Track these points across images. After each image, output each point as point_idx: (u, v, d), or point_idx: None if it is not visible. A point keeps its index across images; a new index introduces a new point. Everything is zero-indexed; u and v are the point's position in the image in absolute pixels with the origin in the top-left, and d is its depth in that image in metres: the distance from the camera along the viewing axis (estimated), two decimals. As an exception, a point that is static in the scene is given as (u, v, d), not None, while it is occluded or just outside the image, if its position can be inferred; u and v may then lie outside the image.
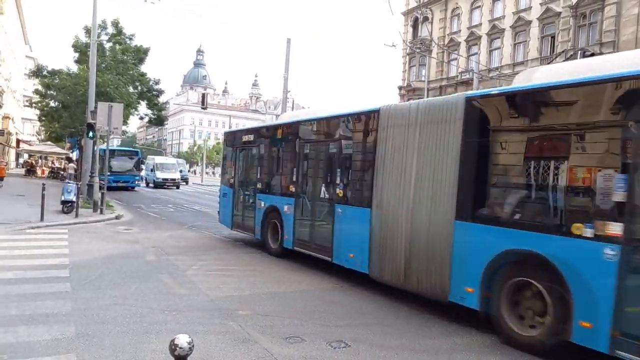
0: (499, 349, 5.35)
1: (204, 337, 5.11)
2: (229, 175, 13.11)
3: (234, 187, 12.50)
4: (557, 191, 5.15)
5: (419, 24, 39.85)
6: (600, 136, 4.85)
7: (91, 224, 14.09)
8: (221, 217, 13.28)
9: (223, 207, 13.15)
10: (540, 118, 5.59)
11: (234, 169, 12.74)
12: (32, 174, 39.82)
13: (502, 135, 5.98)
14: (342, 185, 8.42)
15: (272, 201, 10.49)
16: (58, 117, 30.25)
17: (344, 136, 8.63)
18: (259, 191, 11.14)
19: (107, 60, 26.37)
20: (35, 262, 8.42)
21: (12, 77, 45.14)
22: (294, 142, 9.92)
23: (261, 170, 11.34)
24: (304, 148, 9.79)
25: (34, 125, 63.41)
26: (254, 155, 11.76)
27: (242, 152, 12.39)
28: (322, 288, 7.87)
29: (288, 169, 10.21)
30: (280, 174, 10.65)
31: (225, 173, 13.59)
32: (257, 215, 11.04)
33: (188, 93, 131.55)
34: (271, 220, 10.51)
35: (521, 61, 31.83)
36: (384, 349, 5.15)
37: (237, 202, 12.33)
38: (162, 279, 7.76)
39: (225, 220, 12.95)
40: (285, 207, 9.92)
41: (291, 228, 9.72)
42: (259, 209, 10.97)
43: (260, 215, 10.86)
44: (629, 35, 24.70)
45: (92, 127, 16.60)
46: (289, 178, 10.09)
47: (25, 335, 4.96)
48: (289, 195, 9.90)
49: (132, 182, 31.95)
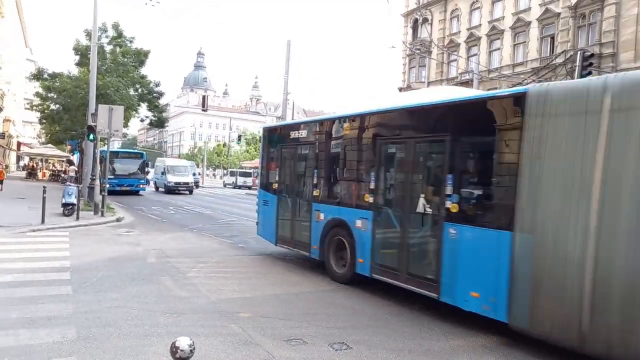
0: (500, 350, 5.34)
1: (205, 340, 5.10)
2: (270, 178, 10.97)
3: (279, 193, 10.40)
4: None
5: (418, 25, 39.89)
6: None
7: (92, 226, 14.09)
8: (261, 228, 11.20)
9: (263, 217, 11.01)
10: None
11: (278, 171, 10.63)
12: (33, 176, 39.88)
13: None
14: (457, 196, 6.20)
15: (337, 213, 8.47)
16: (59, 120, 30.27)
17: (460, 130, 6.44)
18: (317, 200, 9.07)
19: (107, 63, 26.40)
20: (36, 264, 8.42)
21: (12, 80, 45.22)
22: (373, 138, 7.88)
23: (320, 173, 9.19)
24: (388, 147, 7.84)
25: (35, 128, 63.49)
26: (308, 154, 9.72)
27: (291, 150, 10.32)
28: (323, 290, 7.87)
29: (362, 173, 8.09)
30: (350, 179, 8.53)
31: (265, 176, 11.35)
32: (314, 230, 9.02)
33: (188, 95, 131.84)
34: (334, 237, 8.52)
35: (521, 62, 31.85)
36: (385, 351, 5.14)
37: (284, 212, 10.25)
38: (163, 282, 7.76)
39: (266, 233, 10.82)
40: (358, 221, 7.86)
41: (368, 249, 7.62)
42: (316, 221, 8.97)
43: (319, 230, 8.84)
44: (628, 35, 24.69)
45: (93, 130, 16.63)
46: (364, 185, 7.95)
47: (26, 339, 4.96)
48: (364, 206, 7.78)
49: (137, 185, 30.43)
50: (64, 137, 33.86)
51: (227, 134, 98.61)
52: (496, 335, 5.71)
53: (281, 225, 10.22)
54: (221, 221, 17.41)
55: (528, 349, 5.31)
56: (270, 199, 10.69)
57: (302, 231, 9.55)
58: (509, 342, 5.54)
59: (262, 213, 11.09)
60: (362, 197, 7.93)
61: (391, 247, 7.37)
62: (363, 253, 7.75)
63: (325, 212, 8.82)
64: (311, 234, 9.14)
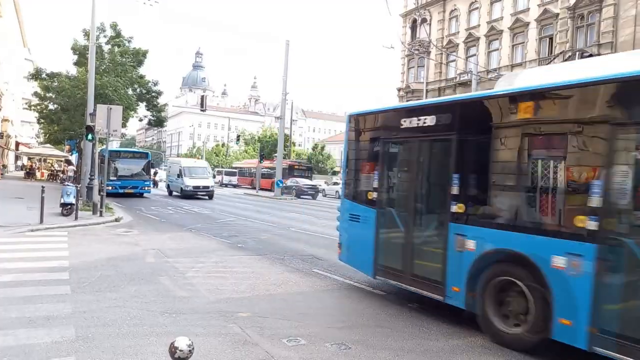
0: (499, 350, 5.35)
1: (204, 340, 5.11)
2: (364, 185, 8.12)
3: (381, 205, 7.53)
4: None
5: (417, 25, 39.92)
6: None
7: (90, 226, 14.07)
8: (347, 253, 8.32)
9: (352, 238, 8.19)
10: None
11: (379, 174, 7.63)
12: (31, 176, 39.82)
13: None
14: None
15: (506, 242, 5.58)
16: (57, 120, 30.25)
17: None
18: (459, 218, 6.14)
19: (106, 63, 26.41)
20: (34, 264, 8.41)
21: (11, 79, 45.15)
22: (604, 122, 4.84)
23: (465, 178, 6.24)
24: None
25: (33, 127, 63.41)
26: (438, 150, 7.07)
27: (406, 145, 7.51)
28: (322, 290, 7.87)
29: (572, 180, 5.09)
30: (536, 190, 5.51)
31: (353, 182, 8.53)
32: (454, 264, 6.18)
33: (187, 95, 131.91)
34: (498, 277, 5.71)
35: (519, 62, 31.90)
36: (384, 351, 5.15)
37: (390, 232, 7.49)
38: (162, 281, 7.75)
39: (357, 259, 8.06)
40: (558, 259, 4.98)
41: (583, 306, 4.77)
42: (458, 251, 6.12)
43: (465, 266, 6.01)
44: (626, 36, 24.75)
45: (92, 130, 16.61)
46: (572, 199, 5.12)
47: (25, 338, 4.96)
48: (575, 236, 4.87)
49: (142, 187, 28.09)
50: (62, 137, 33.84)
51: (225, 134, 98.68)
52: (494, 335, 5.71)
53: (385, 252, 7.43)
54: (220, 221, 17.41)
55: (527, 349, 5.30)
56: (365, 213, 7.82)
57: (427, 262, 6.82)
58: (507, 342, 5.55)
59: (350, 232, 8.27)
60: (570, 219, 4.99)
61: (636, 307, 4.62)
62: (570, 311, 4.88)
63: (478, 238, 5.91)
64: (447, 268, 6.30)
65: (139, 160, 29.25)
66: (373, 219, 7.59)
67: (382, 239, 7.49)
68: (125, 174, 27.29)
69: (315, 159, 71.94)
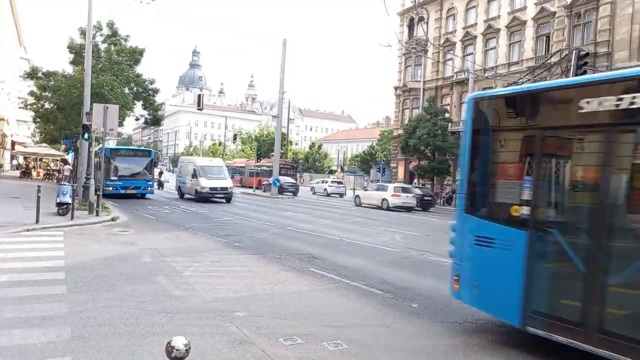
0: (495, 349, 5.36)
1: (200, 339, 5.09)
2: (500, 195, 5.81)
3: (538, 226, 5.20)
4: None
5: (414, 24, 39.95)
6: None
7: (87, 226, 14.03)
8: (471, 289, 5.87)
9: (481, 269, 5.77)
10: None
11: (535, 181, 5.26)
12: (27, 176, 39.66)
13: None
14: None
15: None
16: (53, 119, 30.15)
17: None
18: None
19: (102, 62, 26.31)
20: (30, 264, 8.38)
21: (6, 79, 44.97)
22: None
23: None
24: None
25: (29, 127, 63.20)
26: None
27: (587, 139, 5.30)
28: (318, 289, 7.87)
29: None
30: None
31: (482, 190, 6.09)
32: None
33: (184, 94, 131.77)
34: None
35: (516, 61, 31.97)
36: (380, 350, 5.15)
37: (558, 266, 5.29)
38: (158, 281, 7.73)
39: (492, 301, 5.64)
40: None
41: None
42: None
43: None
44: (623, 34, 24.82)
45: (88, 129, 16.58)
46: None
47: (21, 338, 4.93)
48: None
49: (144, 188, 26.02)
50: (58, 136, 33.78)
51: (222, 133, 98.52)
52: (493, 335, 5.73)
53: (544, 293, 5.22)
54: (216, 220, 17.39)
55: (525, 348, 5.32)
56: (506, 235, 5.45)
57: (630, 312, 4.61)
58: (506, 341, 5.57)
59: (477, 261, 5.86)
60: None
61: None
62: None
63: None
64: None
65: (141, 159, 26.94)
66: (522, 244, 5.24)
67: (538, 273, 5.20)
68: (126, 174, 25.24)
69: (312, 157, 71.97)
